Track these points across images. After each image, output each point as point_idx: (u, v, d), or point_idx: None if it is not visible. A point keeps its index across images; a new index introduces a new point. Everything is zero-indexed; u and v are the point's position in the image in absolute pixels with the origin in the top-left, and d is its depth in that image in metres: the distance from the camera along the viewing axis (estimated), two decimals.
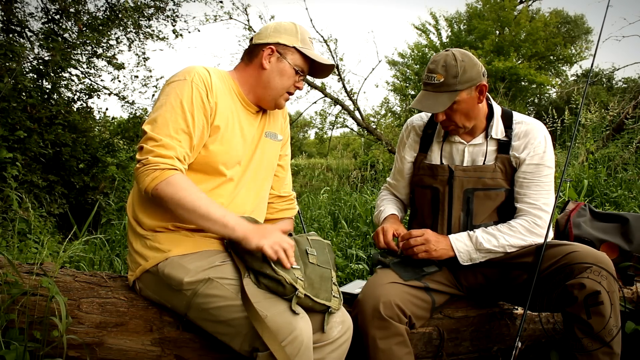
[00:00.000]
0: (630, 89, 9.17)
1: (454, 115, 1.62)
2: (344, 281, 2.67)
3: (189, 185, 1.33)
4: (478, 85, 1.61)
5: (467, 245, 1.63)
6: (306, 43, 1.55)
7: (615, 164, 4.23)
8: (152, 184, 1.31)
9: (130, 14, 6.59)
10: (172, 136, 1.36)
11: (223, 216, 1.33)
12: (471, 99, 1.61)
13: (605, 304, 1.40)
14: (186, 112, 1.38)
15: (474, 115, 1.66)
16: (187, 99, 1.39)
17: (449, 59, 1.58)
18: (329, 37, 10.91)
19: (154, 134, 1.35)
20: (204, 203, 1.32)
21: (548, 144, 1.68)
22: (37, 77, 5.54)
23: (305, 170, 9.42)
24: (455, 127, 1.66)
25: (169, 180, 1.31)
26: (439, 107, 1.58)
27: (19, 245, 3.13)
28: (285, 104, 1.62)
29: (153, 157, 1.33)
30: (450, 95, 1.57)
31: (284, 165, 1.74)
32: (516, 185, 1.68)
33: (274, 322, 1.23)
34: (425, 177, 1.76)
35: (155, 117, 1.38)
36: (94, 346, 1.42)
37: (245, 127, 1.54)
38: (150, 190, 1.32)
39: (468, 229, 1.68)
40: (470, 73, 1.58)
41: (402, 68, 17.69)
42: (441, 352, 1.69)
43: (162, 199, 1.32)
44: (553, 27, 16.48)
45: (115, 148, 6.74)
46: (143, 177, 1.32)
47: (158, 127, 1.36)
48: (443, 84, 1.57)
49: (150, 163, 1.32)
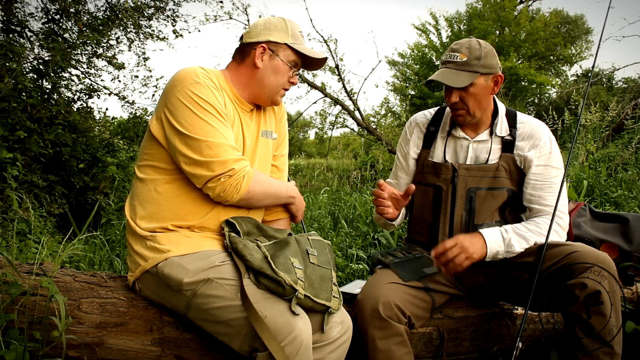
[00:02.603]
0: (630, 89, 9.16)
1: (467, 99, 1.63)
2: (344, 281, 2.67)
3: (265, 177, 1.54)
4: (495, 75, 1.64)
5: (500, 246, 1.59)
6: (297, 38, 1.56)
7: (615, 164, 4.23)
8: (246, 188, 1.41)
9: (130, 14, 6.58)
10: (227, 139, 1.40)
11: (288, 187, 1.62)
12: (487, 87, 1.63)
13: (605, 304, 1.40)
14: (220, 114, 1.42)
15: (485, 106, 1.67)
16: (211, 98, 1.41)
17: (473, 42, 1.63)
18: (329, 37, 10.92)
19: (217, 141, 1.37)
20: (280, 185, 1.60)
21: (553, 144, 1.69)
22: (37, 77, 5.53)
23: (305, 170, 9.42)
24: (465, 112, 1.66)
25: (255, 178, 1.44)
26: (459, 82, 1.59)
27: (18, 245, 3.13)
28: (281, 100, 1.62)
29: (237, 165, 1.39)
30: (470, 75, 1.59)
31: (280, 165, 1.73)
32: (528, 187, 1.67)
33: (273, 322, 1.23)
34: (428, 175, 1.76)
35: (195, 133, 1.37)
36: (94, 346, 1.42)
37: (245, 128, 1.55)
38: (245, 195, 1.42)
39: (470, 229, 1.68)
40: (490, 61, 1.62)
41: (402, 68, 17.69)
42: (441, 352, 1.69)
43: (254, 198, 1.46)
44: (553, 27, 16.49)
45: (115, 148, 6.73)
46: (236, 186, 1.40)
47: (212, 133, 1.38)
48: (465, 63, 1.60)
49: (238, 171, 1.39)
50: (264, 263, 1.31)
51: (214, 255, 1.40)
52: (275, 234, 1.50)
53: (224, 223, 1.47)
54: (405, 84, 17.11)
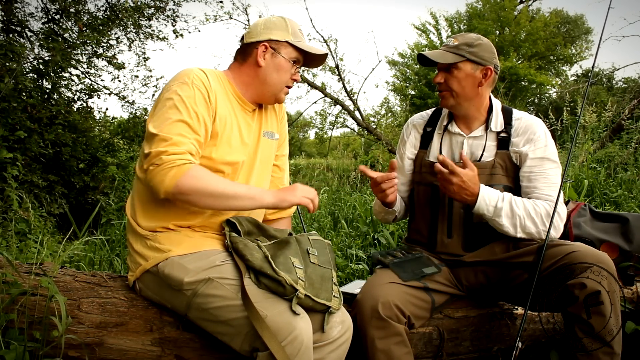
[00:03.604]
0: (630, 89, 9.17)
1: (451, 81, 1.67)
2: (344, 281, 2.67)
3: (207, 173, 1.35)
4: (484, 68, 1.66)
5: (489, 211, 1.59)
6: (297, 35, 1.57)
7: (615, 164, 4.24)
8: (173, 181, 1.29)
9: (130, 14, 6.58)
10: (182, 134, 1.35)
11: (248, 190, 1.40)
12: (473, 76, 1.66)
13: (605, 304, 1.40)
14: (190, 112, 1.38)
15: (470, 95, 1.68)
16: (191, 99, 1.39)
17: (472, 34, 1.72)
18: (329, 37, 10.92)
19: (163, 134, 1.34)
20: (227, 185, 1.37)
21: (549, 138, 1.70)
22: (37, 77, 5.53)
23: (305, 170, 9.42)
24: (449, 95, 1.69)
25: (189, 173, 1.30)
26: (442, 59, 1.65)
27: (18, 245, 3.13)
28: (284, 97, 1.62)
29: (167, 157, 1.31)
30: (455, 57, 1.65)
31: (281, 165, 1.74)
32: (523, 180, 1.68)
33: (274, 322, 1.23)
34: (426, 174, 1.77)
35: (160, 119, 1.37)
36: (94, 346, 1.42)
37: (244, 128, 1.55)
38: (172, 189, 1.30)
39: (469, 227, 1.69)
40: (482, 52, 1.66)
41: (402, 68, 17.69)
42: (441, 352, 1.69)
43: (186, 194, 1.31)
44: (553, 27, 16.51)
45: (115, 148, 6.73)
46: (161, 178, 1.30)
47: (166, 127, 1.35)
48: (455, 46, 1.67)
49: (165, 162, 1.30)
50: (265, 263, 1.31)
51: (215, 254, 1.40)
52: (276, 233, 1.50)
53: (224, 223, 1.47)
54: (405, 84, 17.11)
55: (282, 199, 1.40)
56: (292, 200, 1.41)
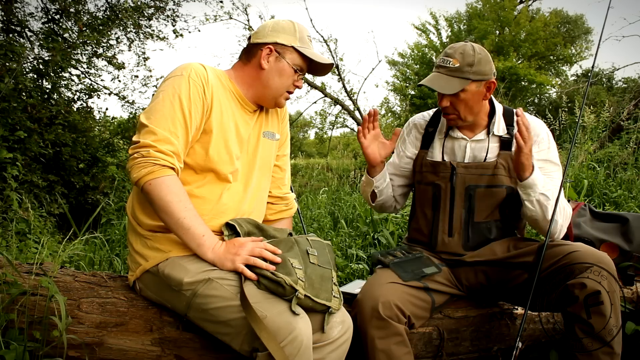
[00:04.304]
0: (630, 89, 9.17)
1: (458, 104, 1.64)
2: (344, 281, 2.67)
3: (179, 191, 1.34)
4: (488, 82, 1.64)
5: (541, 183, 1.58)
6: (304, 42, 1.55)
7: (615, 164, 4.24)
8: (146, 177, 1.31)
9: (130, 14, 6.59)
10: (171, 130, 1.36)
11: (202, 235, 1.34)
12: (478, 92, 1.63)
13: (605, 304, 1.40)
14: (184, 107, 1.39)
15: (477, 110, 1.68)
16: (185, 93, 1.40)
17: (468, 48, 1.62)
18: (329, 37, 10.96)
19: (152, 127, 1.35)
20: (188, 215, 1.33)
21: (551, 140, 1.70)
22: (37, 77, 5.53)
23: (305, 170, 9.42)
24: (456, 117, 1.67)
25: (164, 179, 1.32)
26: (449, 89, 1.60)
27: (18, 245, 3.14)
28: (285, 102, 1.62)
29: (155, 152, 1.33)
30: (461, 82, 1.60)
31: (282, 165, 1.73)
32: None
33: (273, 322, 1.23)
34: (427, 174, 1.77)
35: (153, 110, 1.38)
36: (94, 346, 1.42)
37: (241, 126, 1.54)
38: (142, 184, 1.32)
39: (470, 227, 1.69)
40: (484, 67, 1.61)
41: (402, 68, 17.70)
42: (441, 352, 1.69)
43: (150, 196, 1.33)
44: (553, 27, 16.50)
45: (115, 148, 6.73)
46: (139, 168, 1.32)
47: (156, 120, 1.36)
48: (457, 69, 1.60)
49: (150, 156, 1.32)
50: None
51: None
52: (276, 233, 1.50)
53: (224, 227, 1.45)
54: (405, 83, 17.11)
55: (221, 263, 1.34)
56: (230, 267, 1.33)
